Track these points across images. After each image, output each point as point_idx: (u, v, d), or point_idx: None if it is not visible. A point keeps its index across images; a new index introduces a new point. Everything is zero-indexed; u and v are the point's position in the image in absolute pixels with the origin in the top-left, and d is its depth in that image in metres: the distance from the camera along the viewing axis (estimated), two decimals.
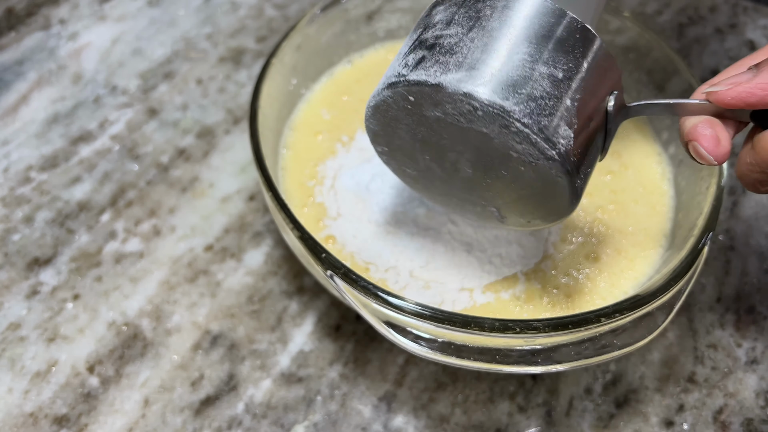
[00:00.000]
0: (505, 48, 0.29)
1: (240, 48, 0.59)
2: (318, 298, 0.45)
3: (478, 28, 0.29)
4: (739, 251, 0.48)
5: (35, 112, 0.55)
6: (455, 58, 0.29)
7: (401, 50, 0.31)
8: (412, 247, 0.41)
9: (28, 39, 0.59)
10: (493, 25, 0.29)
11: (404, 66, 0.30)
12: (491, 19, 0.29)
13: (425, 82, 0.29)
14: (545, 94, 0.28)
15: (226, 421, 0.40)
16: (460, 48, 0.29)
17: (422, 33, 0.31)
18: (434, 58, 0.29)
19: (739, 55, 0.60)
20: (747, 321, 0.45)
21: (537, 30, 0.29)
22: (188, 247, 0.47)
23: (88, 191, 0.50)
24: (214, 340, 0.43)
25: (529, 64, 0.28)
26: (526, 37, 0.29)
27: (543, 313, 0.39)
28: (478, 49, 0.29)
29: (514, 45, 0.29)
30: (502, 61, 0.28)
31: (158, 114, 0.55)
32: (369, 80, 0.50)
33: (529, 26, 0.29)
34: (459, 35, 0.29)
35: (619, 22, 0.48)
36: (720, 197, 0.38)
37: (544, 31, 0.29)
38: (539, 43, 0.29)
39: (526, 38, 0.29)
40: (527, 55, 0.29)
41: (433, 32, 0.30)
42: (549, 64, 0.29)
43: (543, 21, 0.29)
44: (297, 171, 0.45)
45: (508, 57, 0.28)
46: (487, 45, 0.29)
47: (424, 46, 0.30)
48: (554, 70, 0.29)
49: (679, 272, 0.35)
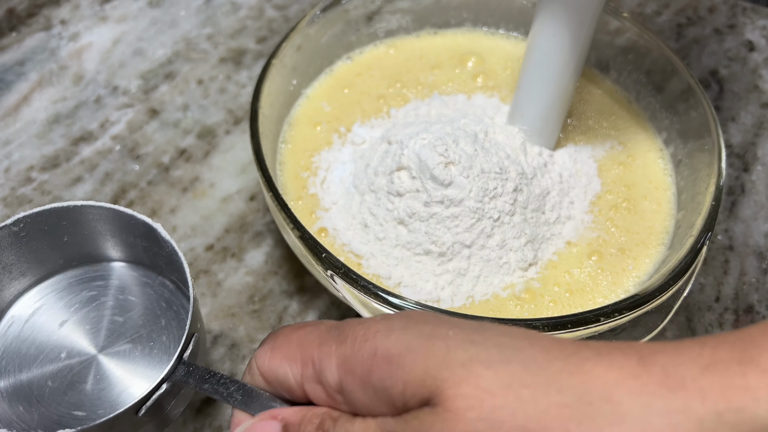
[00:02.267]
0: None
1: (241, 49, 0.59)
2: (318, 297, 0.45)
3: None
4: (738, 251, 0.48)
5: (36, 112, 0.55)
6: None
7: None
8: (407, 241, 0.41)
9: (29, 39, 0.59)
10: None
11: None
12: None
13: None
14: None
15: (226, 420, 0.40)
16: None
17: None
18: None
19: (738, 55, 0.60)
20: (745, 321, 0.45)
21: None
22: (189, 247, 0.47)
23: (89, 191, 0.50)
24: (215, 339, 0.43)
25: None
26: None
27: (543, 311, 0.39)
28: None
29: None
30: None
31: (159, 114, 0.55)
32: (369, 73, 0.50)
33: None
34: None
35: (618, 22, 0.48)
36: (719, 197, 0.38)
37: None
38: None
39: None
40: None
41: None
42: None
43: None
44: (293, 163, 0.45)
45: None
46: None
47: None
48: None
49: (678, 272, 0.36)
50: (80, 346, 0.35)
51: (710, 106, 0.42)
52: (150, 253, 0.37)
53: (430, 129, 0.42)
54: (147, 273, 0.38)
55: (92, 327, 0.36)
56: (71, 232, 0.36)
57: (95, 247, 0.38)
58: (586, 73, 0.50)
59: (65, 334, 0.36)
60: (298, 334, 0.26)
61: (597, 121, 0.48)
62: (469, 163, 0.39)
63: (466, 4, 0.52)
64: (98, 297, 0.37)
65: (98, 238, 0.37)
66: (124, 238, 0.37)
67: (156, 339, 0.36)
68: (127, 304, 0.37)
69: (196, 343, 0.33)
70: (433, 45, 0.52)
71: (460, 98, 0.48)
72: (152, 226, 0.35)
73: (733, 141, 0.54)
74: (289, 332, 0.27)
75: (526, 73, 0.42)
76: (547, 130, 0.43)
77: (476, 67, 0.51)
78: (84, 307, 0.36)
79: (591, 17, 0.38)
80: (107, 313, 0.36)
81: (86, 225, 0.36)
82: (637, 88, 0.48)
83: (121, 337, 0.35)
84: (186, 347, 0.32)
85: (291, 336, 0.26)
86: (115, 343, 0.35)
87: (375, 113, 0.48)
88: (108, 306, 0.36)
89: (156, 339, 0.36)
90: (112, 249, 0.38)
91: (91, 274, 0.38)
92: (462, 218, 0.39)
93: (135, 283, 0.38)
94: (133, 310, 0.36)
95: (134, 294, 0.37)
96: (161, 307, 0.37)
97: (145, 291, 0.37)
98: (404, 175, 0.40)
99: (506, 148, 0.42)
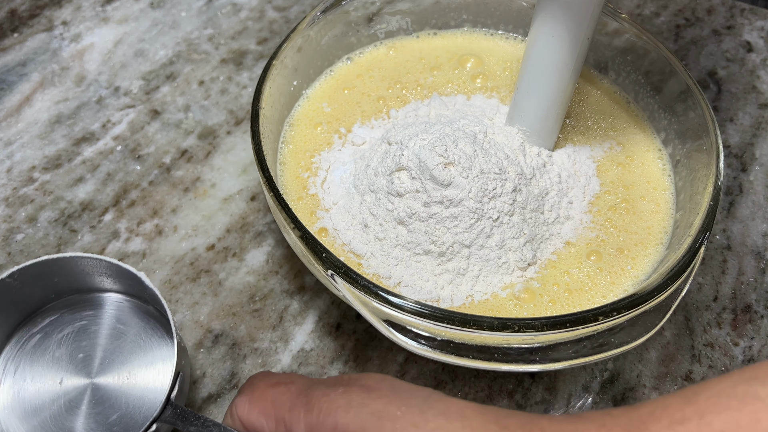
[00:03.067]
0: None
1: (241, 50, 0.60)
2: (319, 297, 0.45)
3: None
4: (736, 251, 0.48)
5: (38, 113, 0.55)
6: None
7: None
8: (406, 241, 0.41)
9: (31, 40, 0.60)
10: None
11: None
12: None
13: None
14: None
15: None
16: None
17: None
18: None
19: (736, 56, 0.60)
20: (743, 320, 0.45)
21: None
22: (190, 247, 0.48)
23: (91, 191, 0.50)
24: (216, 338, 0.44)
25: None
26: None
27: (542, 311, 0.39)
28: None
29: None
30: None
31: (160, 115, 0.55)
32: (369, 74, 0.50)
33: None
34: None
35: (617, 23, 0.48)
36: (717, 197, 0.39)
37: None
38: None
39: None
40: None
41: None
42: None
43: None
44: (294, 163, 0.45)
45: None
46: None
47: None
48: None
49: (676, 272, 0.36)
50: (76, 373, 0.38)
51: (708, 107, 0.43)
52: (136, 288, 0.40)
53: (430, 130, 0.42)
54: (134, 302, 0.41)
55: (86, 355, 0.38)
56: (60, 274, 0.39)
57: (85, 282, 0.40)
58: (584, 74, 0.51)
59: (62, 362, 0.38)
60: (273, 393, 0.30)
61: (596, 122, 0.48)
62: (469, 163, 0.39)
63: (466, 6, 0.52)
64: (89, 326, 0.40)
65: (86, 277, 0.40)
66: (112, 278, 0.40)
67: (147, 366, 0.38)
68: (117, 333, 0.39)
69: (182, 381, 0.36)
70: (433, 46, 0.52)
71: (459, 99, 0.48)
72: (137, 275, 0.38)
73: (731, 141, 0.55)
74: (264, 388, 0.31)
75: (525, 74, 0.42)
76: (546, 130, 0.43)
77: (475, 68, 0.51)
78: (77, 336, 0.39)
79: (590, 18, 0.38)
80: (99, 342, 0.39)
81: (75, 271, 0.39)
82: (636, 88, 0.49)
83: (113, 364, 0.38)
84: (173, 388, 0.35)
85: (266, 393, 0.30)
86: (108, 371, 0.38)
87: (375, 114, 0.48)
88: (99, 335, 0.39)
89: (147, 366, 0.38)
90: (99, 283, 0.41)
91: (81, 304, 0.41)
92: (461, 218, 0.39)
93: (124, 311, 0.41)
94: (122, 338, 0.39)
95: (123, 322, 0.40)
96: (149, 334, 0.40)
97: (133, 319, 0.40)
98: (404, 175, 0.40)
99: (505, 148, 0.42)
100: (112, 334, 0.39)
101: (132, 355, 0.39)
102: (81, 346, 0.39)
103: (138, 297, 0.41)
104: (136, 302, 0.41)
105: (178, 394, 0.35)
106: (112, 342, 0.39)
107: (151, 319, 0.40)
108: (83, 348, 0.39)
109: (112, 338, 0.39)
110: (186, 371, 0.37)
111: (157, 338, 0.39)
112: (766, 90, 0.58)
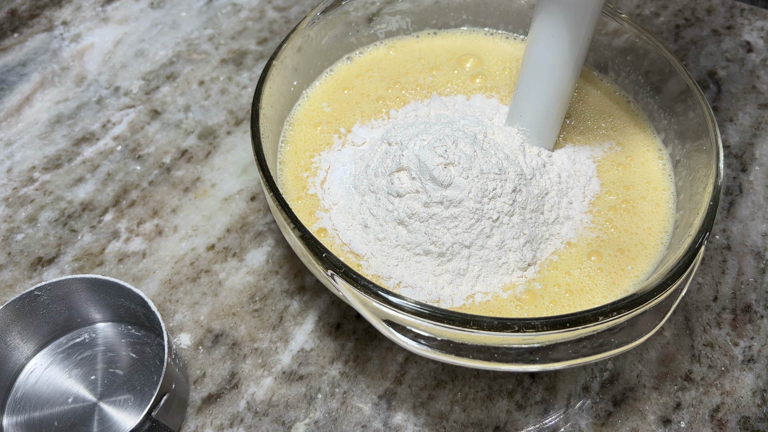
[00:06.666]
0: None
1: (241, 50, 0.60)
2: (318, 297, 0.45)
3: None
4: (736, 251, 0.48)
5: (38, 113, 0.55)
6: None
7: None
8: (407, 242, 0.41)
9: (31, 41, 0.60)
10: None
11: None
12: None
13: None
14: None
15: (228, 418, 0.41)
16: None
17: None
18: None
19: (736, 56, 0.60)
20: (743, 320, 0.45)
21: None
22: (190, 247, 0.48)
23: (91, 191, 0.50)
24: (216, 338, 0.44)
25: None
26: None
27: (543, 312, 0.39)
28: None
29: None
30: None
31: (160, 115, 0.55)
32: (369, 74, 0.50)
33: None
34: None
35: (617, 23, 0.48)
36: (717, 198, 0.39)
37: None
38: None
39: None
40: None
41: None
42: None
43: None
44: (294, 163, 0.46)
45: None
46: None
47: None
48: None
49: (676, 272, 0.36)
50: (83, 394, 0.41)
51: (708, 107, 0.43)
52: (133, 312, 0.42)
53: (430, 130, 0.42)
54: (133, 328, 0.43)
55: (92, 380, 0.41)
56: (60, 301, 0.42)
57: (82, 312, 0.43)
58: (584, 74, 0.51)
59: (71, 384, 0.41)
60: None
61: (596, 122, 0.48)
62: (469, 163, 0.39)
63: (465, 6, 0.52)
64: (94, 356, 0.42)
65: (82, 305, 0.42)
66: (109, 301, 0.42)
67: (147, 389, 0.41)
68: (119, 359, 0.42)
69: (168, 401, 0.37)
70: (433, 46, 0.52)
71: (459, 99, 0.48)
72: (142, 297, 0.40)
73: (731, 141, 0.55)
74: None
75: (525, 74, 0.42)
76: (545, 130, 0.43)
77: (475, 68, 0.51)
78: (85, 362, 0.42)
79: (590, 18, 0.38)
80: (102, 367, 0.42)
81: (71, 295, 0.41)
82: (636, 88, 0.49)
83: (116, 387, 0.41)
84: (155, 406, 0.36)
85: None
86: (112, 393, 0.41)
87: (375, 114, 0.48)
88: (104, 361, 0.42)
89: (147, 389, 0.41)
90: (96, 313, 0.43)
91: (84, 335, 0.43)
92: (461, 219, 0.39)
93: (123, 339, 0.43)
94: (123, 363, 0.42)
95: (124, 349, 0.42)
96: (148, 358, 0.42)
97: (135, 347, 0.42)
98: (404, 175, 0.40)
99: (505, 148, 0.42)
100: (114, 360, 0.42)
101: (134, 379, 0.41)
102: (87, 371, 0.41)
103: (152, 330, 0.43)
104: (131, 328, 0.43)
105: (169, 413, 0.38)
106: (115, 367, 0.42)
107: (150, 344, 0.43)
108: (87, 373, 0.41)
109: (116, 364, 0.42)
110: (180, 391, 0.40)
111: (156, 362, 0.42)
112: (766, 90, 0.58)
